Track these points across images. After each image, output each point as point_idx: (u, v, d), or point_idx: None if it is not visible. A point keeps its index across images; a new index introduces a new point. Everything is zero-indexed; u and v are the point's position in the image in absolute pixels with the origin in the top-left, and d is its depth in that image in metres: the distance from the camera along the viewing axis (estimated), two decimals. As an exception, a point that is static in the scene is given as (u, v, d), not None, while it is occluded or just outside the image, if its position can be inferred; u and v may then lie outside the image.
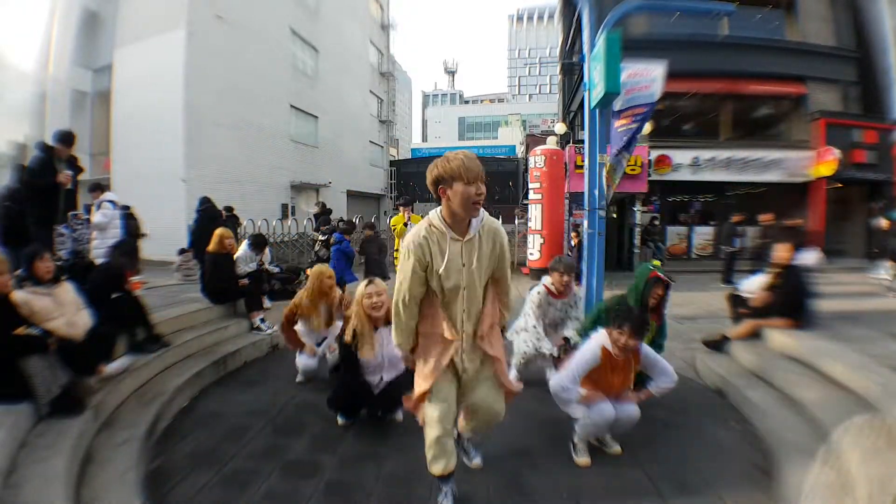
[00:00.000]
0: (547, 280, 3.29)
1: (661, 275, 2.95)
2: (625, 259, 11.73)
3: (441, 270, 1.74)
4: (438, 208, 1.78)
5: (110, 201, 5.58)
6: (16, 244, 3.60)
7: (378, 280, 2.88)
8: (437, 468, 1.92)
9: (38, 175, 3.71)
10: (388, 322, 2.58)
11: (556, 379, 2.47)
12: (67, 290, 2.90)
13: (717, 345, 3.88)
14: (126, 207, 6.96)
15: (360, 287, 2.81)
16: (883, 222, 8.19)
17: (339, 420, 2.91)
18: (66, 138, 3.94)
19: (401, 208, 6.53)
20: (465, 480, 2.27)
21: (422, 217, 1.98)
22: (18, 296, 2.58)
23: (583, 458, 2.47)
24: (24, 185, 3.83)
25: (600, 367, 2.42)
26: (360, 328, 2.77)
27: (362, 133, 22.01)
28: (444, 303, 1.84)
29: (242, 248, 5.20)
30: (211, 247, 4.61)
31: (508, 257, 1.92)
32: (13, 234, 3.66)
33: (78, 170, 4.15)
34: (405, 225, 6.10)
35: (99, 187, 5.90)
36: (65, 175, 3.86)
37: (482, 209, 1.75)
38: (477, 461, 2.35)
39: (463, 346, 1.87)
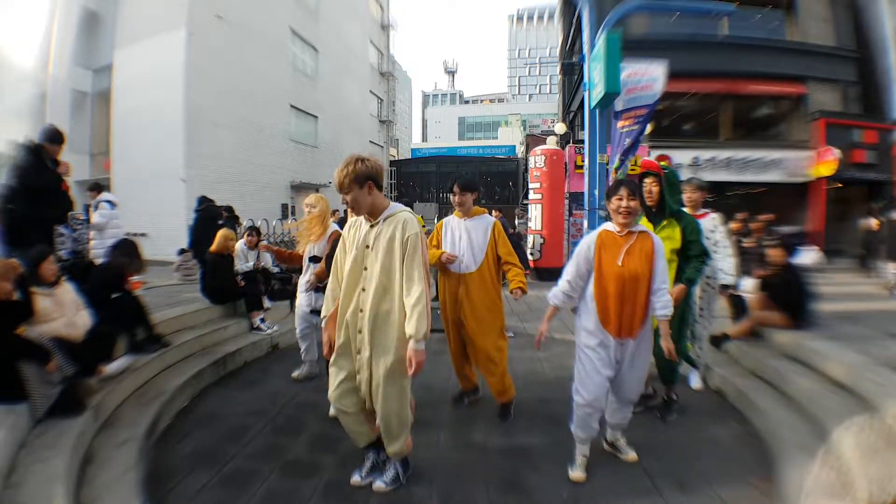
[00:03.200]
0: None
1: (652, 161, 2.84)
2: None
3: (354, 239, 2.04)
4: None
5: (108, 201, 5.58)
6: (18, 245, 3.59)
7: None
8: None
9: (31, 176, 3.63)
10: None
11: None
12: (68, 291, 2.90)
13: (717, 342, 3.88)
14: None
15: None
16: (872, 222, 8.19)
17: None
18: (55, 136, 3.75)
19: None
20: (465, 480, 2.28)
21: (421, 217, 2.07)
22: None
23: (577, 473, 2.27)
24: (19, 186, 3.75)
25: (603, 253, 2.17)
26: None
27: (362, 133, 22.00)
28: (347, 273, 2.03)
29: (239, 244, 5.20)
30: (214, 247, 4.61)
31: (418, 253, 1.93)
32: (16, 236, 3.64)
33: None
34: None
35: (98, 187, 5.91)
36: (65, 165, 3.79)
37: (397, 206, 2.05)
38: (379, 484, 2.15)
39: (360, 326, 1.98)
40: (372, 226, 1.99)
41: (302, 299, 3.59)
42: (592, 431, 2.30)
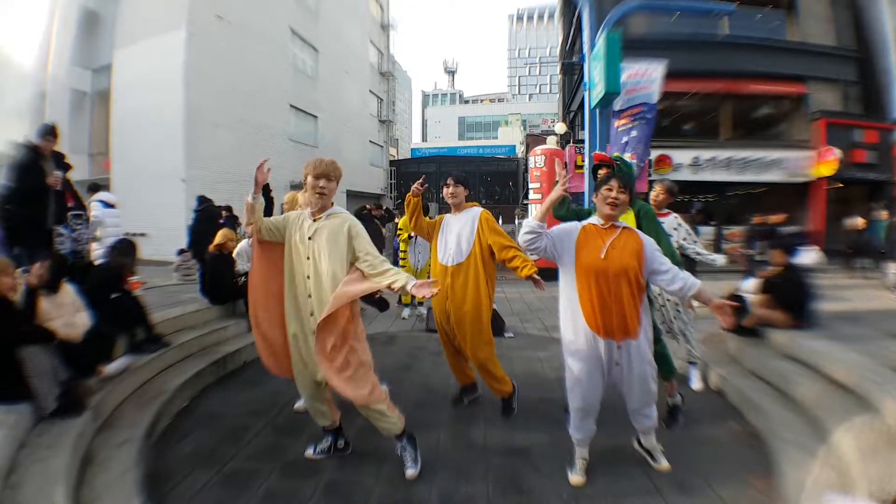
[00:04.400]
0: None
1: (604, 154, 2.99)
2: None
3: (296, 234, 2.24)
4: None
5: (100, 201, 5.58)
6: (18, 245, 3.59)
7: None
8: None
9: (26, 176, 3.64)
10: None
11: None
12: (67, 292, 2.89)
13: (745, 332, 3.81)
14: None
15: None
16: (859, 221, 8.18)
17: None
18: (49, 133, 3.79)
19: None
20: (465, 480, 2.28)
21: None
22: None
23: (577, 477, 2.25)
24: (17, 185, 3.75)
25: (583, 249, 2.09)
26: None
27: (362, 133, 21.99)
28: (290, 265, 2.23)
29: (242, 244, 5.21)
30: (213, 247, 4.61)
31: (362, 240, 2.23)
32: (17, 236, 3.65)
33: (66, 167, 4.05)
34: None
35: (96, 188, 5.91)
36: (54, 177, 3.79)
37: (338, 207, 2.31)
38: (410, 472, 2.29)
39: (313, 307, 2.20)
40: (315, 220, 2.25)
41: None
42: (590, 432, 2.28)
